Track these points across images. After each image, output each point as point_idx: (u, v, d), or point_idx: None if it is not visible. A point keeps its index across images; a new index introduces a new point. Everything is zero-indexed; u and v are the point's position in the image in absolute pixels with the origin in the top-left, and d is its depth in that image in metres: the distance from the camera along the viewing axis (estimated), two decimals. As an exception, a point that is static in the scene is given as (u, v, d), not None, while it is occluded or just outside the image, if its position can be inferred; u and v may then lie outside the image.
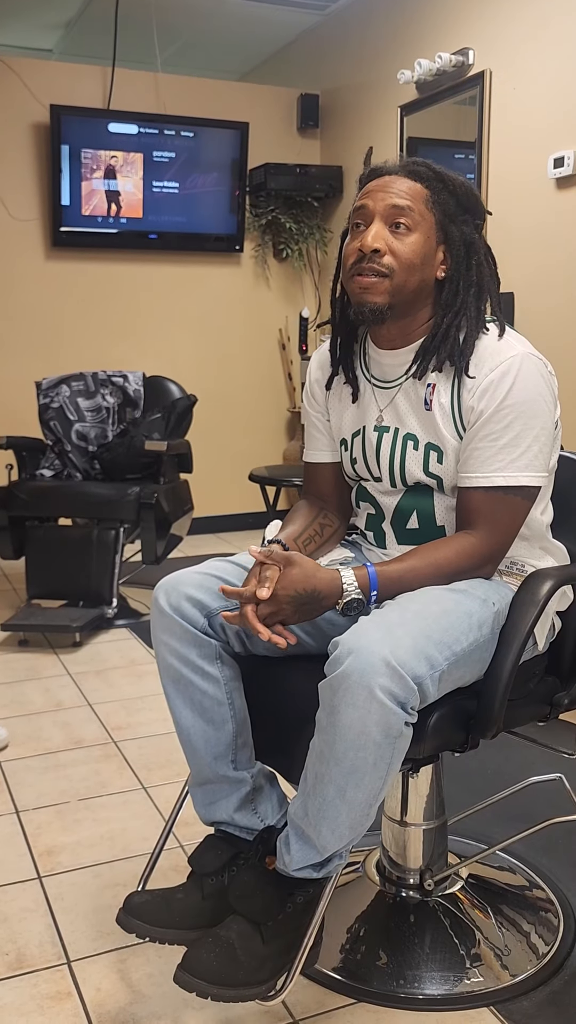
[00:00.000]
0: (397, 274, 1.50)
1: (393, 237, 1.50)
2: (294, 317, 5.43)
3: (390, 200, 1.50)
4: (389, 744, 1.32)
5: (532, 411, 1.48)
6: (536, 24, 3.63)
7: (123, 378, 3.93)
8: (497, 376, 1.48)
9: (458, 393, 1.52)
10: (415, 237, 1.50)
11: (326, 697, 1.34)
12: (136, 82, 4.93)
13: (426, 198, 1.52)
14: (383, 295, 1.50)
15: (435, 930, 1.70)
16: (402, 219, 1.50)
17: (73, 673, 3.18)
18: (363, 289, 1.51)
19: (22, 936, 1.77)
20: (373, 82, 4.78)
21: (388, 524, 1.65)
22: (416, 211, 1.50)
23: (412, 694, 1.31)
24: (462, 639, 1.41)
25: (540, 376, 1.50)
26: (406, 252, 1.50)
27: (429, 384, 1.55)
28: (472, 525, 1.51)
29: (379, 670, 1.29)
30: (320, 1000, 1.59)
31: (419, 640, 1.35)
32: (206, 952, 1.40)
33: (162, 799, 2.29)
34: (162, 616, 1.55)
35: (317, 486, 1.77)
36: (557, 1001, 1.58)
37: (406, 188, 1.51)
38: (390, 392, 1.61)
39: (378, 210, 1.51)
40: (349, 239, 1.55)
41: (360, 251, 1.50)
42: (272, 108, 5.27)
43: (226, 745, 1.57)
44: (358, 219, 1.54)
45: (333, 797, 1.36)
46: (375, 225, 1.50)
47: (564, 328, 3.56)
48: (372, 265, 1.49)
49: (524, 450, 1.48)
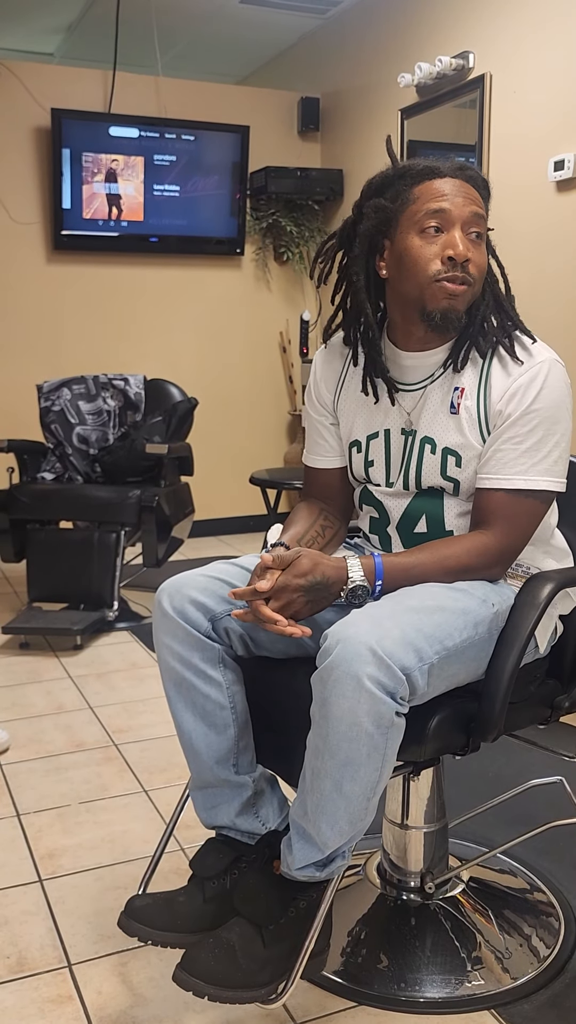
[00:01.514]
0: (476, 283, 1.51)
1: (472, 246, 1.50)
2: (295, 320, 5.43)
3: (471, 208, 1.50)
4: (381, 734, 1.32)
5: (555, 417, 1.49)
6: (536, 27, 3.63)
7: (124, 381, 3.94)
8: (526, 381, 1.49)
9: (487, 395, 1.53)
10: (483, 246, 1.53)
11: (317, 689, 1.35)
12: (137, 86, 4.94)
13: (485, 207, 1.55)
14: (466, 304, 1.52)
15: (436, 933, 1.70)
16: (478, 227, 1.51)
17: (74, 676, 3.18)
18: (451, 296, 1.49)
19: (23, 939, 1.77)
20: (373, 85, 4.78)
21: (394, 528, 1.65)
22: (485, 220, 1.53)
23: (400, 684, 1.31)
24: (455, 635, 1.41)
25: (564, 384, 1.52)
26: (483, 262, 1.52)
27: (457, 388, 1.55)
28: (488, 525, 1.51)
29: (365, 658, 1.29)
30: (321, 1003, 1.60)
31: (408, 631, 1.35)
32: (206, 953, 1.40)
33: (163, 802, 2.29)
34: (165, 619, 1.55)
35: (318, 489, 1.77)
36: (558, 1004, 1.58)
37: (476, 196, 1.53)
38: (415, 395, 1.60)
39: (462, 217, 1.50)
40: (421, 240, 1.50)
41: (451, 258, 1.48)
42: (273, 111, 5.28)
43: (228, 749, 1.57)
44: (436, 221, 1.50)
45: (330, 791, 1.36)
46: (457, 232, 1.49)
47: (565, 330, 3.56)
48: (463, 274, 1.49)
49: (545, 455, 1.49)
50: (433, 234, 1.50)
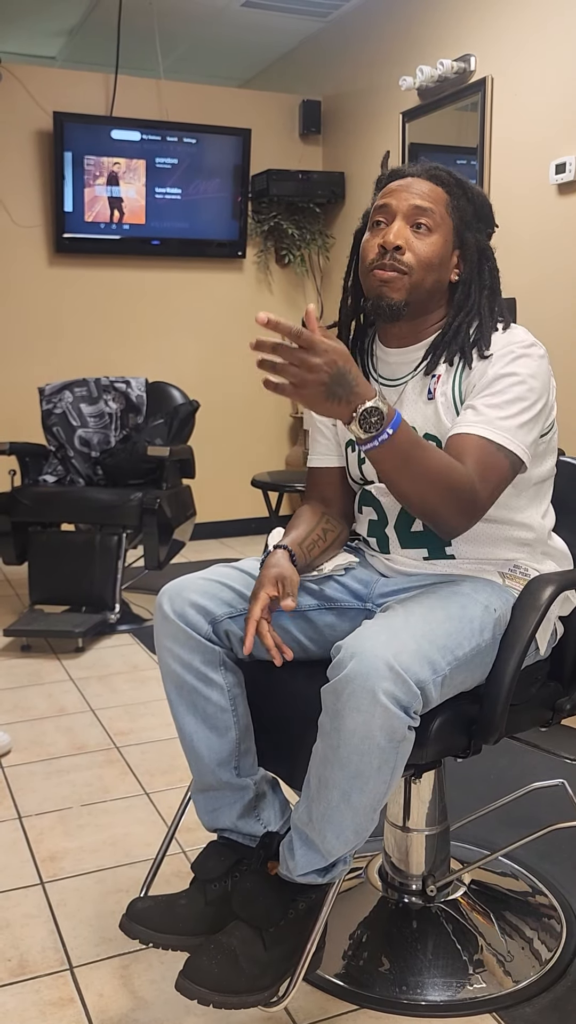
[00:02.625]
0: (416, 272, 1.52)
1: (414, 236, 1.53)
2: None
3: (413, 200, 1.53)
4: (393, 748, 1.32)
5: (529, 387, 1.48)
6: (537, 30, 3.64)
7: (126, 384, 3.94)
8: (503, 354, 1.50)
9: (460, 380, 1.54)
10: (434, 238, 1.53)
11: (329, 702, 1.34)
12: (139, 89, 4.95)
13: (447, 203, 1.55)
14: (401, 291, 1.53)
15: (437, 936, 1.70)
16: (423, 220, 1.53)
17: (76, 678, 3.18)
18: (382, 283, 1.53)
19: (24, 942, 1.77)
20: (375, 88, 4.79)
21: (392, 528, 1.65)
22: (437, 213, 1.54)
23: (415, 698, 1.32)
24: (464, 644, 1.41)
25: (543, 359, 1.52)
26: (426, 251, 1.53)
27: (434, 375, 1.57)
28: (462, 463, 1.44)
29: (382, 673, 1.29)
30: (323, 1006, 1.59)
31: (422, 644, 1.35)
32: (207, 959, 1.40)
33: (164, 805, 2.29)
34: (166, 622, 1.55)
35: (320, 491, 1.77)
36: (560, 1007, 1.58)
37: (428, 190, 1.55)
38: (397, 389, 1.62)
39: (401, 209, 1.54)
40: (368, 236, 1.58)
41: (382, 247, 1.53)
42: (274, 114, 5.28)
43: (229, 752, 1.57)
44: (379, 217, 1.56)
45: (338, 802, 1.36)
46: (397, 223, 1.53)
47: (566, 333, 3.56)
48: (392, 261, 1.52)
49: (514, 415, 1.46)
50: (378, 228, 1.56)
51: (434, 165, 1.59)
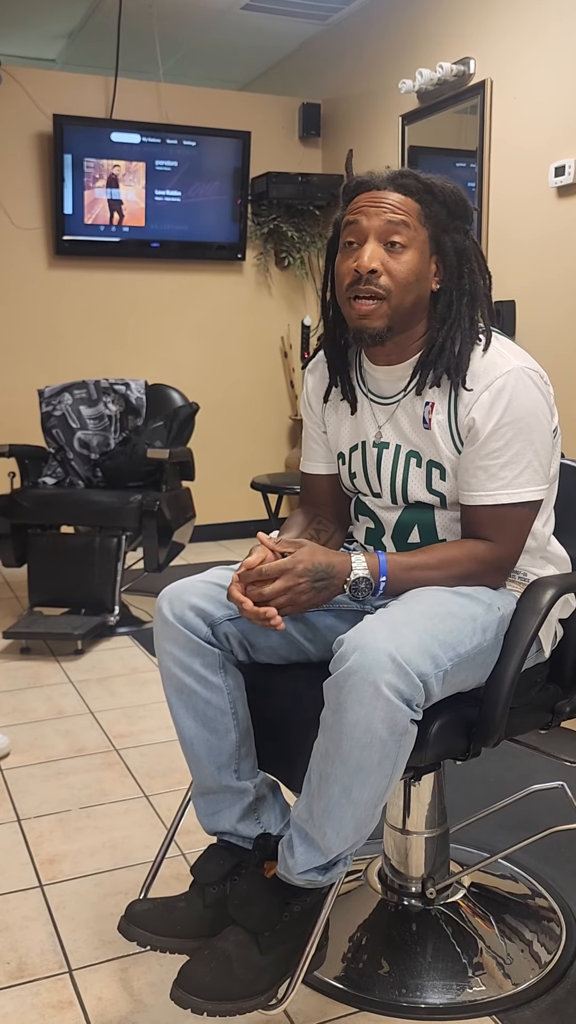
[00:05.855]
0: (394, 295, 1.47)
1: (389, 256, 1.47)
2: (296, 325, 5.44)
3: (384, 216, 1.47)
4: (395, 742, 1.32)
5: (530, 426, 1.47)
6: (536, 33, 3.64)
7: (125, 386, 3.94)
8: (493, 394, 1.46)
9: (455, 409, 1.51)
10: (410, 255, 1.47)
11: (331, 695, 1.34)
12: (138, 92, 4.95)
13: (418, 213, 1.49)
14: (382, 319, 1.48)
15: (437, 939, 1.70)
16: (397, 237, 1.47)
17: (75, 681, 3.18)
18: (362, 316, 1.48)
19: (23, 944, 1.77)
20: (374, 91, 4.79)
21: (389, 539, 1.65)
22: (410, 226, 1.47)
23: (417, 691, 1.32)
24: (466, 641, 1.41)
25: (536, 388, 1.49)
26: (402, 272, 1.47)
27: (427, 403, 1.54)
28: (480, 537, 1.51)
29: (385, 666, 1.29)
30: (322, 1009, 1.59)
31: (424, 638, 1.35)
32: (201, 967, 1.39)
33: (164, 807, 2.29)
34: (165, 625, 1.55)
35: (314, 496, 1.77)
36: (559, 1010, 1.58)
37: (398, 202, 1.48)
38: (389, 408, 1.60)
39: (373, 227, 1.47)
40: (341, 257, 1.52)
41: (356, 272, 1.47)
42: (274, 117, 5.29)
43: (229, 755, 1.57)
44: (351, 237, 1.50)
45: (339, 797, 1.36)
46: (370, 244, 1.47)
47: (565, 336, 3.56)
48: (369, 287, 1.46)
49: (525, 466, 1.48)
50: (352, 249, 1.50)
51: (399, 172, 1.51)
